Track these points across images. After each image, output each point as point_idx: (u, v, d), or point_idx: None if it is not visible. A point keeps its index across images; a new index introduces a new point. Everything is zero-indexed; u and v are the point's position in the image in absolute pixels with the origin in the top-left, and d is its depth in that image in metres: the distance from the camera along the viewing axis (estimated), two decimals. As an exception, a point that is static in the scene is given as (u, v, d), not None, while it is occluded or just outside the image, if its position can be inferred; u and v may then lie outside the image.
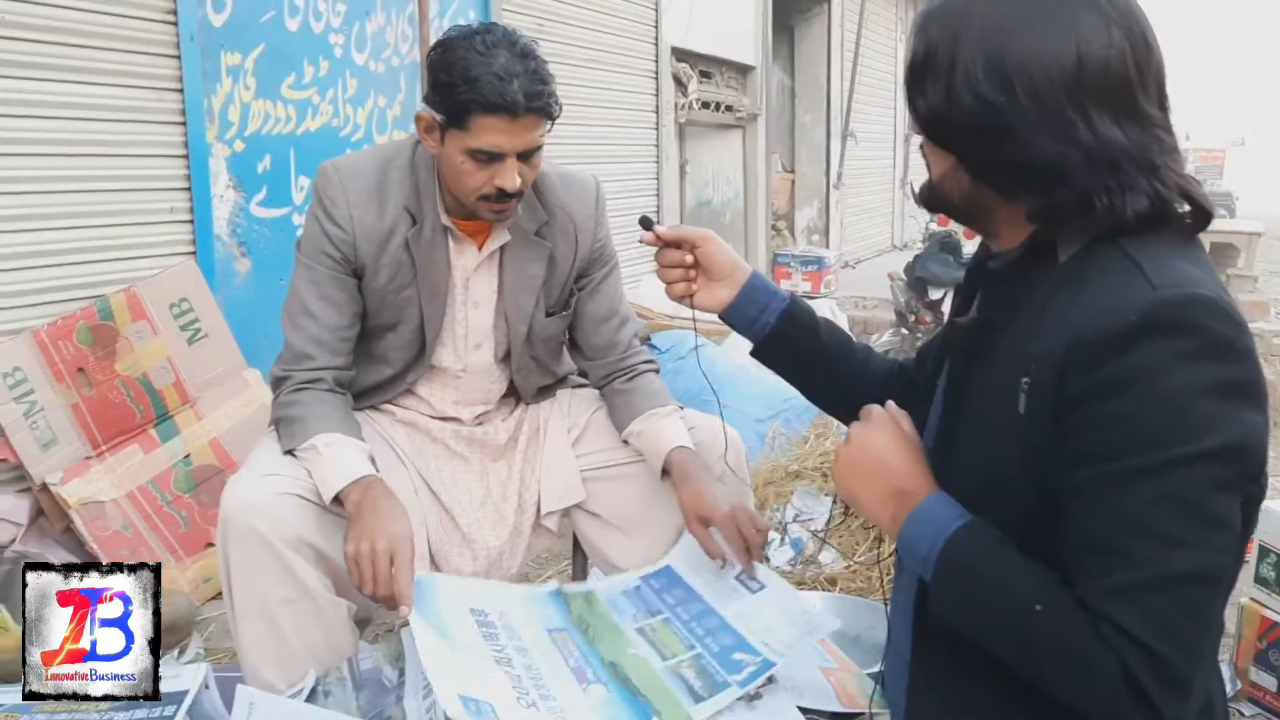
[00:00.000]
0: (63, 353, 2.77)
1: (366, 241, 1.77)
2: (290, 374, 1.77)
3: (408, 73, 4.25)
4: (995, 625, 1.00)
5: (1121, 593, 0.91)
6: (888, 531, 1.12)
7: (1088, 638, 0.93)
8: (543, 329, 1.93)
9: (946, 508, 1.07)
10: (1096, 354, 0.93)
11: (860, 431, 1.17)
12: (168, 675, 1.48)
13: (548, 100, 1.64)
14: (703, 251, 1.48)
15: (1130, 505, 0.92)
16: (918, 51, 1.05)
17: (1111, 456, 0.93)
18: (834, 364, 1.45)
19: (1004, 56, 0.98)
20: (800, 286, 8.88)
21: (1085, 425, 0.94)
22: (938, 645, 1.13)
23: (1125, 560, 0.92)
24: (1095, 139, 0.97)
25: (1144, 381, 0.91)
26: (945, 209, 1.15)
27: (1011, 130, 0.99)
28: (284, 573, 1.58)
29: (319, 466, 1.65)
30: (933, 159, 1.11)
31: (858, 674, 1.58)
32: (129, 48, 3.05)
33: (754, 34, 8.73)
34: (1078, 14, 0.98)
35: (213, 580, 2.85)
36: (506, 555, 1.91)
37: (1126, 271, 0.97)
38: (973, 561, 1.02)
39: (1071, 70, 0.97)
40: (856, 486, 1.15)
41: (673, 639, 1.58)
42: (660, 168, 7.01)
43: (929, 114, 1.06)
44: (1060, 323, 0.97)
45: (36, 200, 2.83)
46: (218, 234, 3.40)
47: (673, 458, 1.79)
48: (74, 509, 2.65)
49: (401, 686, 1.50)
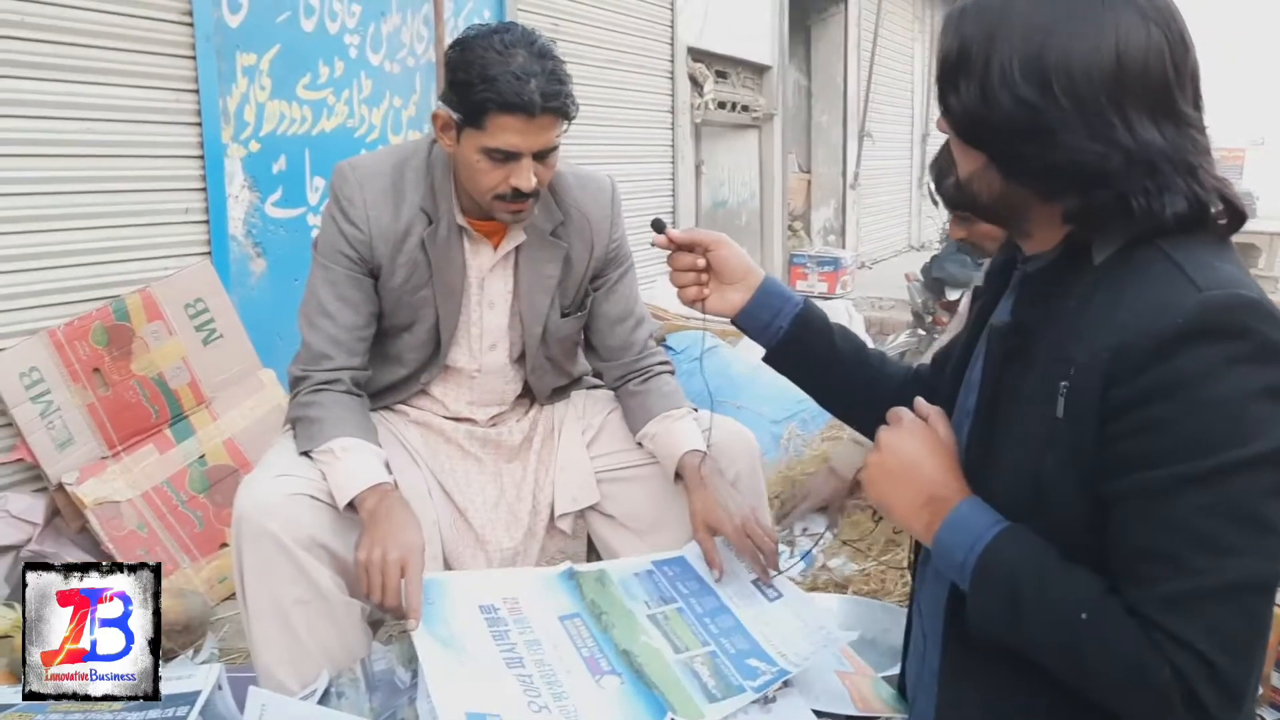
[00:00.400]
0: (79, 353, 2.78)
1: (383, 241, 1.77)
2: (308, 374, 1.77)
3: (423, 73, 4.25)
4: (1039, 634, 0.99)
5: (1175, 601, 0.91)
6: (922, 539, 1.11)
7: (1140, 646, 0.92)
8: (558, 329, 1.93)
9: (983, 514, 1.06)
10: (1143, 358, 0.92)
11: (890, 437, 1.15)
12: (181, 675, 1.48)
13: (564, 100, 1.63)
14: (715, 255, 1.46)
15: (1181, 512, 0.91)
16: (950, 49, 1.03)
17: (1161, 463, 0.92)
18: (848, 370, 1.44)
19: (1042, 56, 0.97)
20: (816, 287, 8.85)
21: (1133, 431, 0.93)
22: (971, 657, 1.11)
23: (1177, 568, 0.91)
24: (1134, 140, 0.96)
25: (1193, 386, 0.90)
26: (973, 208, 1.13)
27: (1049, 131, 0.97)
28: (297, 573, 1.58)
29: (335, 471, 1.65)
30: (962, 158, 1.09)
31: (873, 678, 1.57)
32: (145, 49, 3.06)
33: (770, 34, 8.70)
34: (1117, 13, 0.97)
35: (228, 580, 2.85)
36: (520, 556, 1.90)
37: (1167, 273, 0.96)
38: (1013, 569, 1.00)
39: (1111, 70, 0.96)
40: (889, 494, 1.13)
41: (686, 631, 1.57)
42: (676, 168, 7.00)
43: (962, 113, 1.04)
44: (1102, 326, 0.96)
45: (53, 201, 2.84)
46: (233, 234, 3.40)
47: (685, 461, 1.78)
48: (90, 509, 2.66)
49: (414, 688, 1.49)
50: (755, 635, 1.57)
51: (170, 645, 2.36)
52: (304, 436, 1.71)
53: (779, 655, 1.53)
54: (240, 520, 1.59)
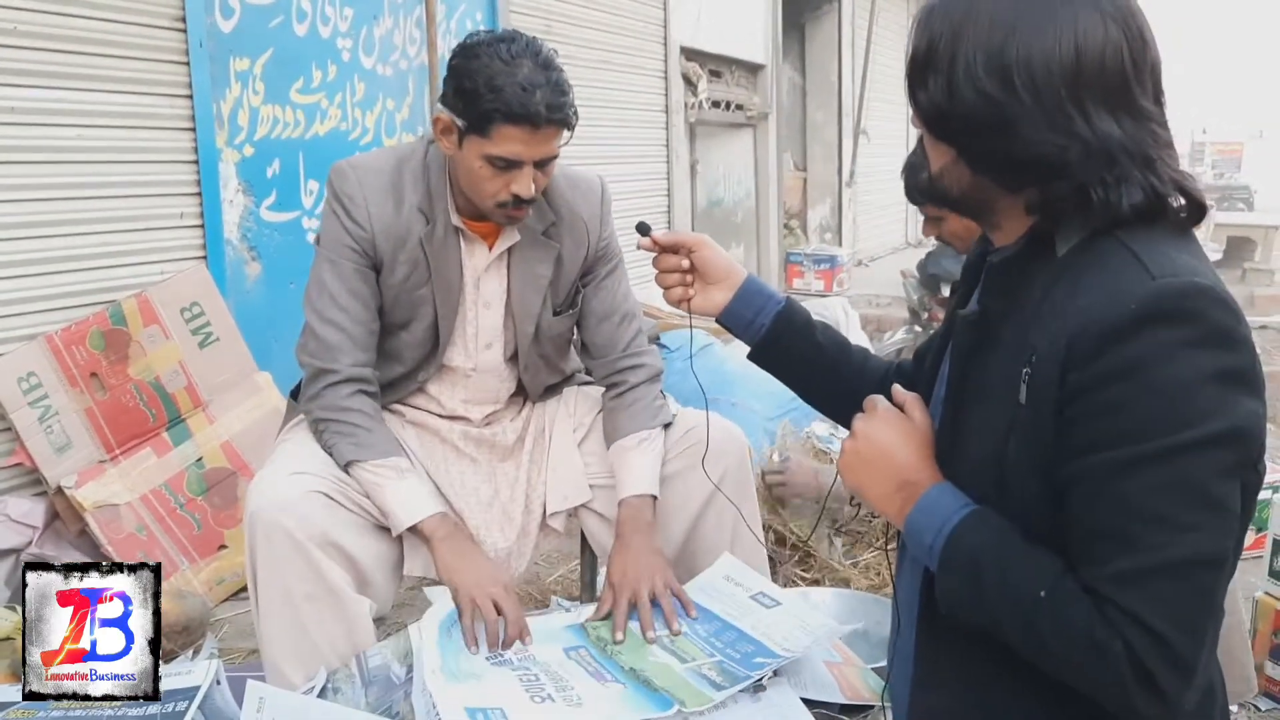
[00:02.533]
0: (76, 357, 2.79)
1: (385, 239, 1.79)
2: (335, 368, 1.78)
3: (416, 75, 4.27)
4: (1001, 612, 1.01)
5: (1127, 577, 0.93)
6: (895, 523, 1.14)
7: (1094, 623, 0.94)
8: (550, 328, 1.94)
9: (952, 498, 1.08)
10: (1098, 344, 0.94)
11: (865, 425, 1.17)
12: (180, 672, 1.50)
13: (568, 112, 1.67)
14: (698, 256, 1.49)
15: (1135, 491, 0.93)
16: (919, 47, 1.07)
17: (1116, 444, 0.94)
18: (831, 366, 1.47)
19: (1004, 51, 1.00)
20: (813, 285, 8.87)
21: (1089, 414, 0.96)
22: (943, 637, 1.14)
23: (1130, 545, 0.93)
24: (1092, 132, 0.99)
25: (1146, 370, 0.93)
26: (945, 202, 1.15)
27: (1011, 124, 1.00)
28: (309, 569, 1.61)
29: (396, 490, 1.71)
30: (933, 153, 1.12)
31: (862, 668, 1.59)
32: (139, 55, 3.08)
33: (764, 32, 8.72)
34: (1076, 11, 1.00)
35: (226, 582, 2.87)
36: (514, 555, 1.91)
37: (1124, 262, 0.98)
38: (977, 550, 1.03)
39: (1070, 65, 0.99)
40: (863, 480, 1.16)
41: (692, 647, 1.59)
42: (671, 167, 7.01)
43: (930, 108, 1.07)
44: (1060, 314, 0.99)
45: (49, 207, 2.86)
46: (228, 238, 3.42)
47: (621, 508, 1.83)
48: (89, 512, 2.68)
49: (409, 683, 1.51)
50: (758, 638, 1.60)
51: (170, 646, 2.37)
52: (349, 443, 1.73)
53: (783, 650, 1.55)
54: (254, 516, 1.61)
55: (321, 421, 1.78)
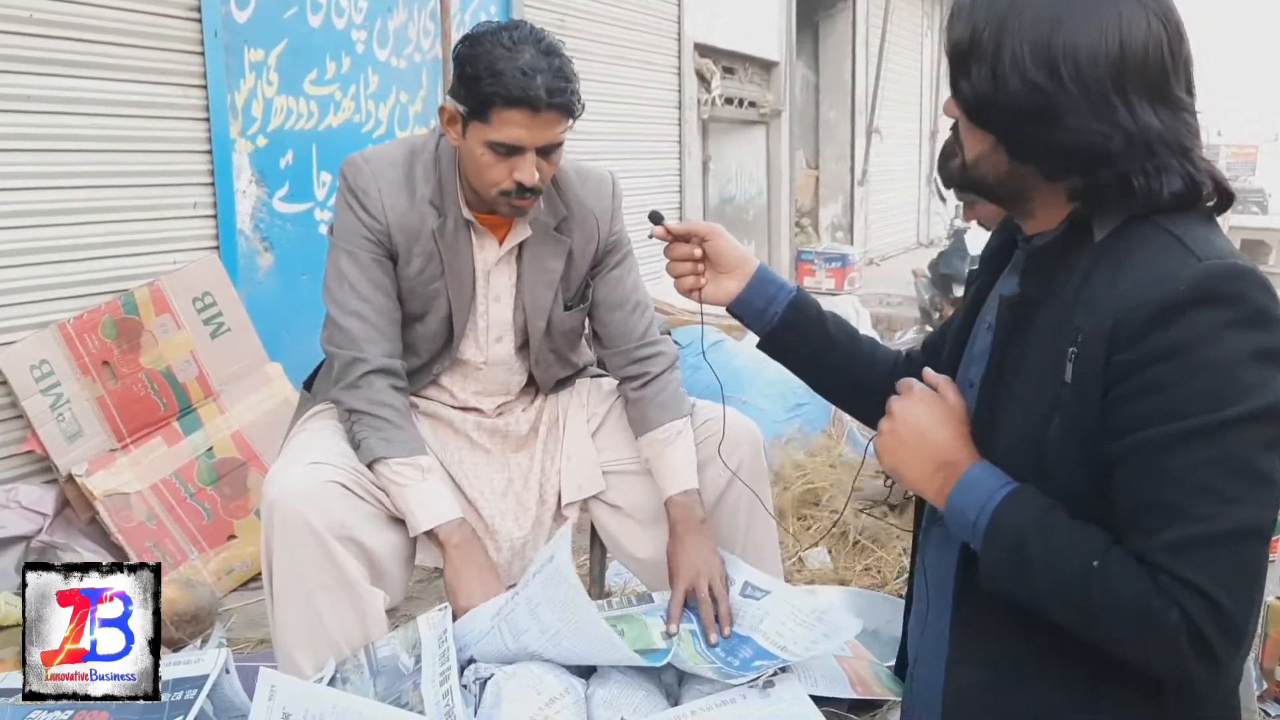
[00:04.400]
0: (88, 346, 2.80)
1: (399, 231, 1.79)
2: (364, 357, 1.77)
3: (429, 68, 4.27)
4: (1051, 585, 1.04)
5: (1179, 547, 0.96)
6: (934, 503, 1.16)
7: (1147, 591, 0.97)
8: (561, 322, 1.94)
9: (993, 476, 1.10)
10: (1146, 324, 0.98)
11: (902, 407, 1.19)
12: (188, 660, 1.49)
13: (570, 97, 1.66)
14: (711, 245, 1.50)
15: (1185, 464, 0.97)
16: (962, 36, 1.09)
17: (1163, 420, 0.98)
18: (841, 355, 1.48)
19: (1051, 43, 1.03)
20: (824, 284, 8.85)
21: (1136, 392, 0.99)
22: (978, 614, 1.16)
23: (1182, 516, 0.97)
24: (1134, 122, 1.03)
25: (1193, 349, 0.97)
26: (979, 190, 1.18)
27: (1056, 112, 1.04)
28: (325, 560, 1.60)
29: (418, 491, 1.71)
30: (970, 141, 1.15)
31: (871, 662, 1.58)
32: (154, 44, 3.08)
33: (778, 29, 8.70)
34: (1119, 5, 1.04)
35: (235, 571, 2.88)
36: (529, 546, 1.91)
37: (1167, 245, 1.03)
38: (1023, 524, 1.05)
39: (1115, 57, 1.03)
40: (901, 461, 1.18)
41: (693, 652, 1.58)
42: (683, 164, 7.00)
43: (974, 96, 1.09)
44: (1106, 295, 1.02)
45: (62, 195, 2.87)
46: (240, 229, 3.43)
47: (673, 503, 1.82)
48: (99, 500, 2.69)
49: (418, 672, 1.51)
50: (756, 638, 1.59)
51: (178, 635, 2.38)
52: (379, 439, 1.72)
53: (780, 650, 1.55)
54: (272, 505, 1.61)
55: (355, 413, 1.76)
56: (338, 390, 1.81)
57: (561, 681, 1.50)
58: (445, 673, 1.48)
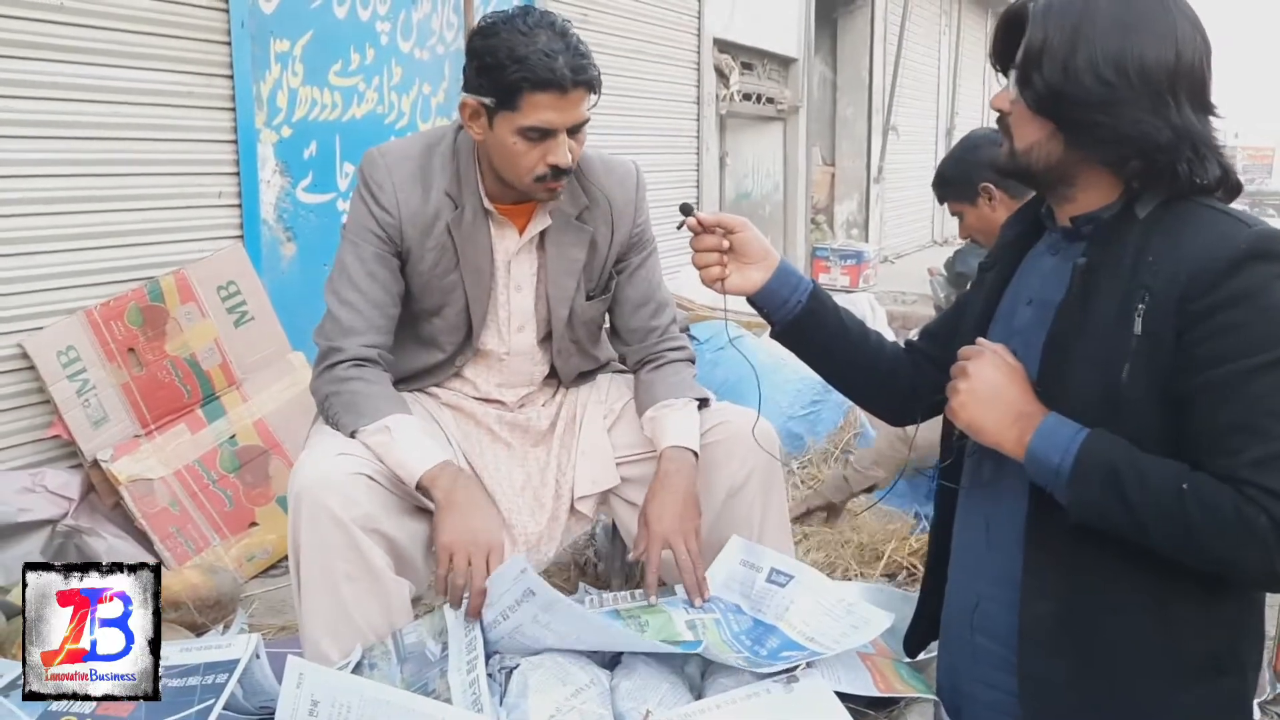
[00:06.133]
0: (114, 333, 2.83)
1: (412, 226, 1.80)
2: (342, 347, 1.79)
3: (452, 60, 4.28)
4: (1147, 510, 1.17)
5: (1263, 462, 1.13)
6: (1012, 453, 1.27)
7: (1238, 503, 1.13)
8: (583, 312, 1.96)
9: (1067, 424, 1.24)
10: (1215, 277, 1.16)
11: (977, 366, 1.31)
12: (219, 645, 1.51)
13: (592, 73, 1.68)
14: (739, 237, 1.55)
15: (1259, 392, 1.14)
16: (1036, 38, 1.26)
17: (1239, 356, 1.15)
18: (855, 344, 1.59)
19: (1121, 48, 1.21)
20: (839, 281, 8.84)
21: (1209, 334, 1.16)
22: (1050, 550, 1.30)
23: (1261, 436, 1.14)
24: (1181, 120, 1.22)
25: (1256, 296, 1.15)
26: (1023, 174, 1.33)
27: (1120, 105, 1.21)
28: (351, 550, 1.62)
29: (396, 448, 1.69)
30: (1025, 130, 1.31)
31: (895, 659, 1.59)
32: (182, 34, 3.10)
33: (796, 26, 8.69)
34: (1175, 20, 1.23)
35: (256, 558, 2.90)
36: (545, 540, 1.93)
37: (1217, 217, 1.22)
38: (1111, 459, 1.19)
39: (1172, 64, 1.21)
40: (980, 415, 1.30)
41: (719, 642, 1.59)
42: (701, 159, 7.01)
43: (1045, 89, 1.25)
44: (1171, 257, 1.20)
45: (91, 183, 2.89)
46: (264, 218, 3.45)
47: (664, 457, 1.81)
48: (123, 486, 2.71)
49: (445, 660, 1.52)
50: (783, 629, 1.60)
51: (200, 620, 2.40)
52: (350, 412, 1.73)
53: (808, 641, 1.56)
54: (299, 495, 1.63)
55: (326, 399, 1.79)
56: (312, 381, 1.83)
57: (587, 673, 1.51)
58: (472, 661, 1.50)
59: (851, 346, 1.59)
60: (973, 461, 1.44)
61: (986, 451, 1.35)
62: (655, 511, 1.74)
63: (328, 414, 1.78)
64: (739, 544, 1.77)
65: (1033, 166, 1.31)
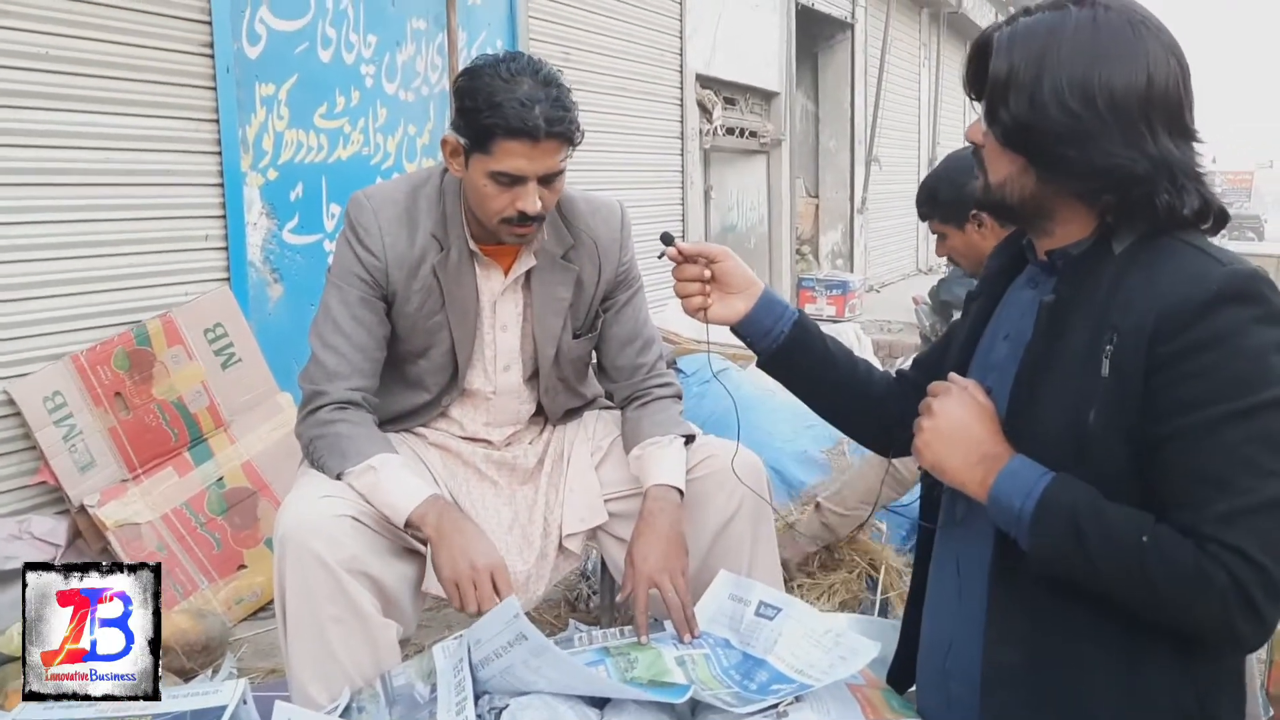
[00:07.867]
0: (101, 377, 2.83)
1: (398, 268, 1.81)
2: (326, 391, 1.79)
3: (437, 102, 4.32)
4: (1105, 562, 1.12)
5: (1226, 517, 1.07)
6: (975, 494, 1.23)
7: (1198, 559, 1.07)
8: (570, 350, 1.96)
9: (1032, 467, 1.19)
10: (1186, 319, 1.09)
11: (942, 404, 1.27)
12: (206, 691, 1.50)
13: (569, 126, 1.68)
14: (721, 267, 1.55)
15: (1226, 442, 1.08)
16: (1001, 69, 1.20)
17: (1206, 403, 1.08)
18: (842, 372, 1.57)
19: (1088, 76, 1.15)
20: (825, 310, 8.87)
21: (1179, 379, 1.10)
22: (1015, 596, 1.24)
23: (1228, 489, 1.08)
24: (1158, 149, 1.15)
25: (1228, 340, 1.08)
26: (999, 208, 1.29)
27: (1090, 137, 1.15)
28: (338, 593, 1.61)
29: (382, 488, 1.70)
30: (998, 163, 1.26)
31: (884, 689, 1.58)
32: (167, 80, 3.13)
33: (778, 60, 8.78)
34: (1147, 45, 1.16)
35: (245, 601, 2.89)
36: (533, 579, 1.92)
37: (1193, 254, 1.15)
38: (1072, 507, 1.14)
39: (1143, 91, 1.15)
40: (943, 454, 1.25)
41: (709, 676, 1.59)
42: (685, 193, 7.06)
43: (1012, 122, 1.20)
44: (1142, 296, 1.13)
45: (77, 228, 2.91)
46: (251, 260, 3.46)
47: (649, 496, 1.80)
48: (111, 531, 2.71)
49: (434, 702, 1.52)
50: (772, 662, 1.60)
51: (190, 665, 2.39)
52: (335, 455, 1.74)
53: (797, 674, 1.56)
54: (284, 539, 1.62)
55: (311, 442, 1.79)
56: (297, 425, 1.83)
57: (577, 713, 1.51)
58: (461, 702, 1.49)
59: (839, 375, 1.56)
60: (947, 499, 1.39)
61: (959, 490, 1.29)
62: (641, 551, 1.74)
63: (313, 457, 1.79)
64: (727, 578, 1.77)
65: (1007, 200, 1.26)
